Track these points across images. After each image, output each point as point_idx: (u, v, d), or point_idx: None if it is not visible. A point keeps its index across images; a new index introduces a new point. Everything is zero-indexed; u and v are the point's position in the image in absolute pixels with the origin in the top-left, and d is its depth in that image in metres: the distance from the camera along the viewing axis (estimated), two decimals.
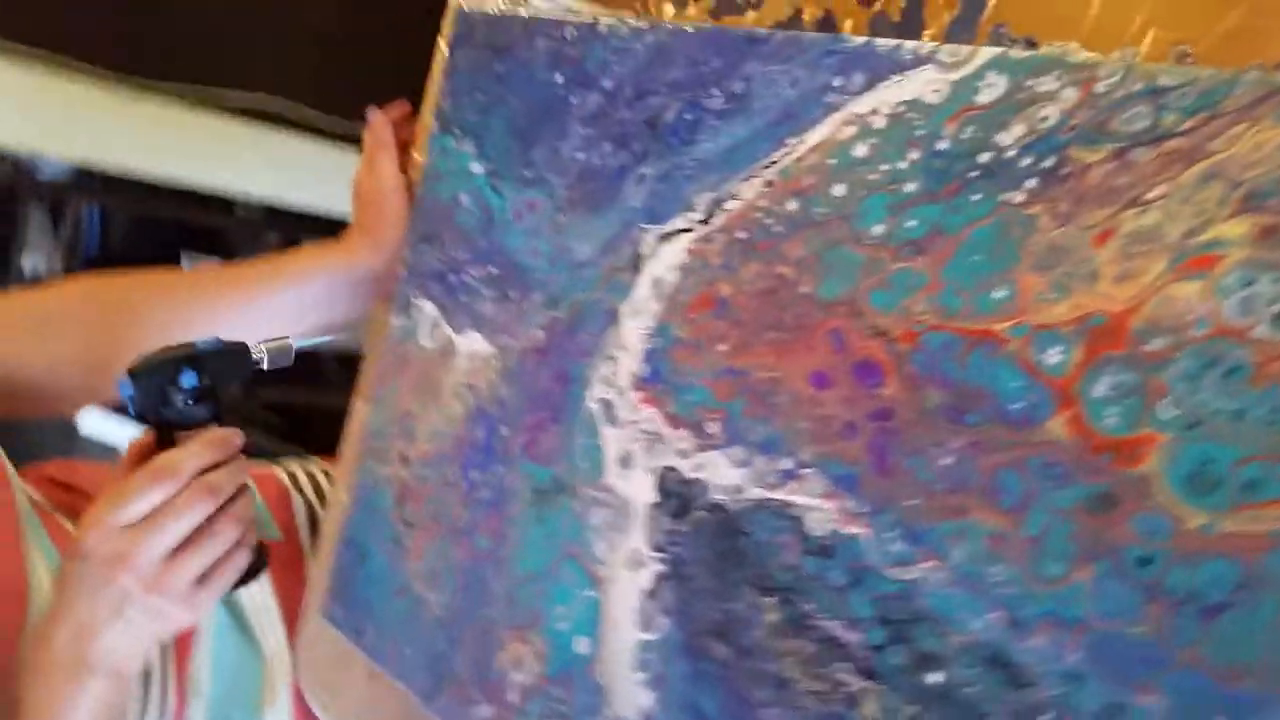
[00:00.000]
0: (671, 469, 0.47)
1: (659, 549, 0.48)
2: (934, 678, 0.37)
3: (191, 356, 0.50)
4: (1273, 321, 0.31)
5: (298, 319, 0.64)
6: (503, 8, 0.63)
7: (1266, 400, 0.31)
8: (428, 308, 0.64)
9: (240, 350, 0.52)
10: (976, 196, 0.38)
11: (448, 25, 0.69)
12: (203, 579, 0.50)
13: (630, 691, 0.48)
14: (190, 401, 0.50)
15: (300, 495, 0.78)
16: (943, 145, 0.39)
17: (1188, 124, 0.33)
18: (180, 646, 0.64)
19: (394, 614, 0.62)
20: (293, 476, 0.80)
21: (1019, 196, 0.37)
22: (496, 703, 0.54)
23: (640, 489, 0.49)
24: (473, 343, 0.60)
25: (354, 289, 0.66)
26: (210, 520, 0.50)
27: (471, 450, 0.59)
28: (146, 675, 0.60)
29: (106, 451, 1.33)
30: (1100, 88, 0.35)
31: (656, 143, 0.51)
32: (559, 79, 0.57)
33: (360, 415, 0.71)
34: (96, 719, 0.49)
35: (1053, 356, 0.35)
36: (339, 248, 0.66)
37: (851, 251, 0.42)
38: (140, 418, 0.51)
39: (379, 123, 0.67)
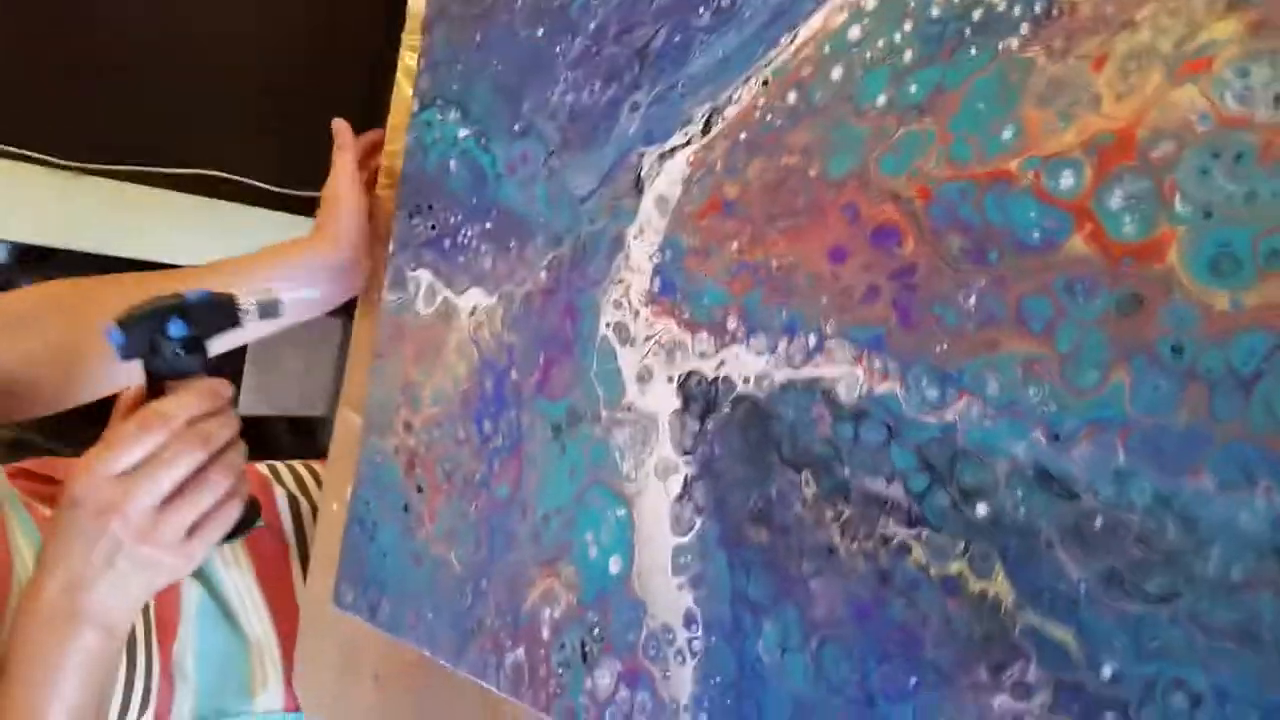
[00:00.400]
0: (693, 373, 0.48)
1: (687, 452, 0.48)
2: (981, 509, 0.38)
3: (180, 306, 0.50)
4: (1272, 104, 0.33)
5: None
6: None
7: (1277, 176, 0.33)
8: (423, 275, 0.64)
9: (227, 301, 0.52)
10: (973, 50, 0.40)
11: (411, 26, 0.71)
12: (194, 529, 0.50)
13: (669, 597, 0.48)
14: (179, 351, 0.50)
15: (281, 486, 0.78)
16: (935, 12, 0.42)
17: None
18: (163, 632, 0.62)
19: (412, 582, 0.61)
20: (273, 469, 0.80)
21: (1015, 42, 0.39)
22: (528, 641, 0.53)
23: (663, 400, 0.49)
24: (474, 299, 0.61)
25: (313, 279, 0.66)
26: (202, 470, 0.50)
27: (481, 402, 0.59)
28: (131, 660, 0.59)
29: None
30: None
31: (648, 70, 0.53)
32: (541, 31, 0.59)
33: (348, 424, 0.71)
34: (89, 673, 0.48)
35: (1066, 180, 0.37)
36: (299, 241, 0.67)
37: (856, 126, 0.44)
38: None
39: (341, 126, 0.70)
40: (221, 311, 0.52)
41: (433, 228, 0.64)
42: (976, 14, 0.40)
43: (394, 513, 0.63)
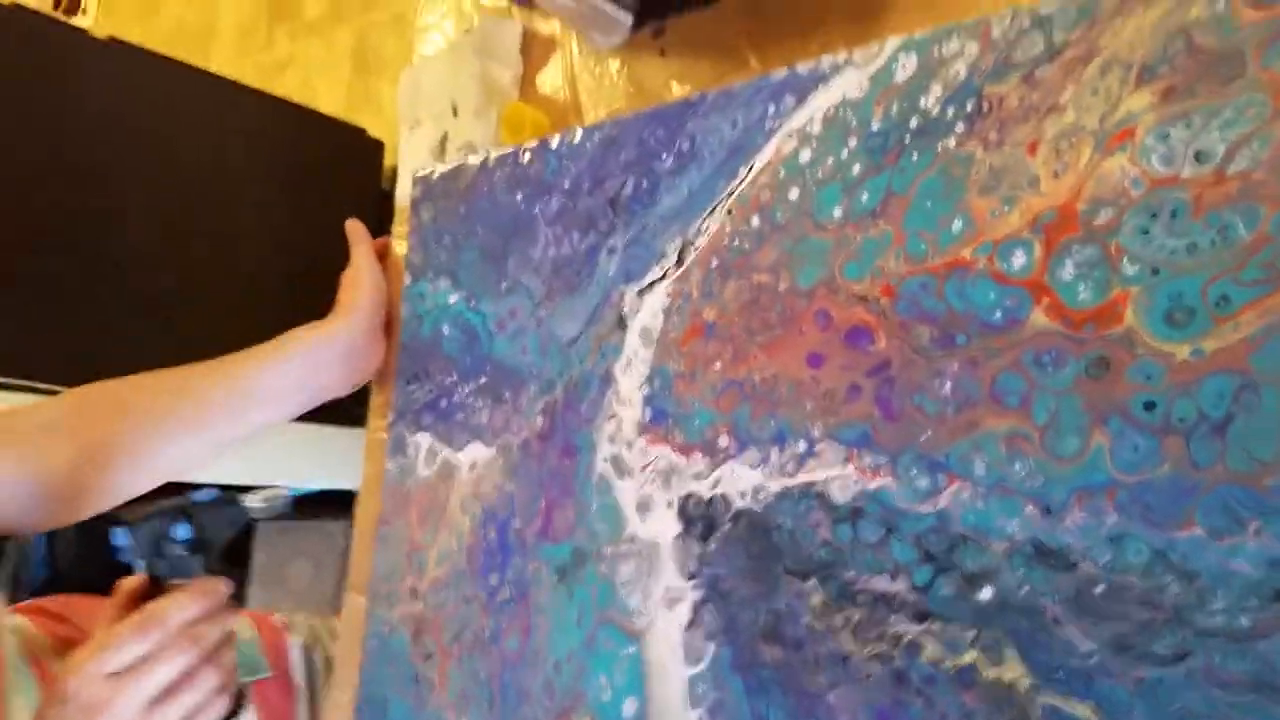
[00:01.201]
0: (691, 494, 0.49)
1: (692, 575, 0.48)
2: (986, 593, 0.38)
3: (185, 508, 0.52)
4: (1194, 160, 0.35)
5: (286, 398, 0.67)
6: (459, 153, 0.70)
7: (1211, 225, 0.35)
8: (423, 439, 0.66)
9: (234, 502, 0.54)
10: (915, 155, 0.43)
11: (400, 219, 0.77)
12: None
13: None
14: (183, 553, 0.52)
15: (296, 635, 0.78)
16: (875, 126, 0.45)
17: (1075, 34, 0.39)
18: None
19: None
20: (289, 619, 0.80)
21: (952, 141, 0.42)
22: None
23: (664, 526, 0.50)
24: (473, 454, 0.62)
25: (333, 361, 0.69)
26: (193, 671, 0.51)
27: (486, 555, 0.60)
28: None
29: None
30: (996, 33, 0.41)
31: (620, 216, 0.56)
32: (519, 196, 0.63)
33: (355, 609, 0.71)
34: None
35: (1018, 260, 0.39)
36: (317, 324, 0.70)
37: (817, 239, 0.46)
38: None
39: (354, 224, 0.75)
40: (227, 513, 0.54)
41: (430, 391, 0.66)
42: (913, 121, 0.44)
43: (404, 685, 0.63)
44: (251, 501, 0.53)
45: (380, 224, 0.80)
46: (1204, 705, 0.32)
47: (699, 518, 0.48)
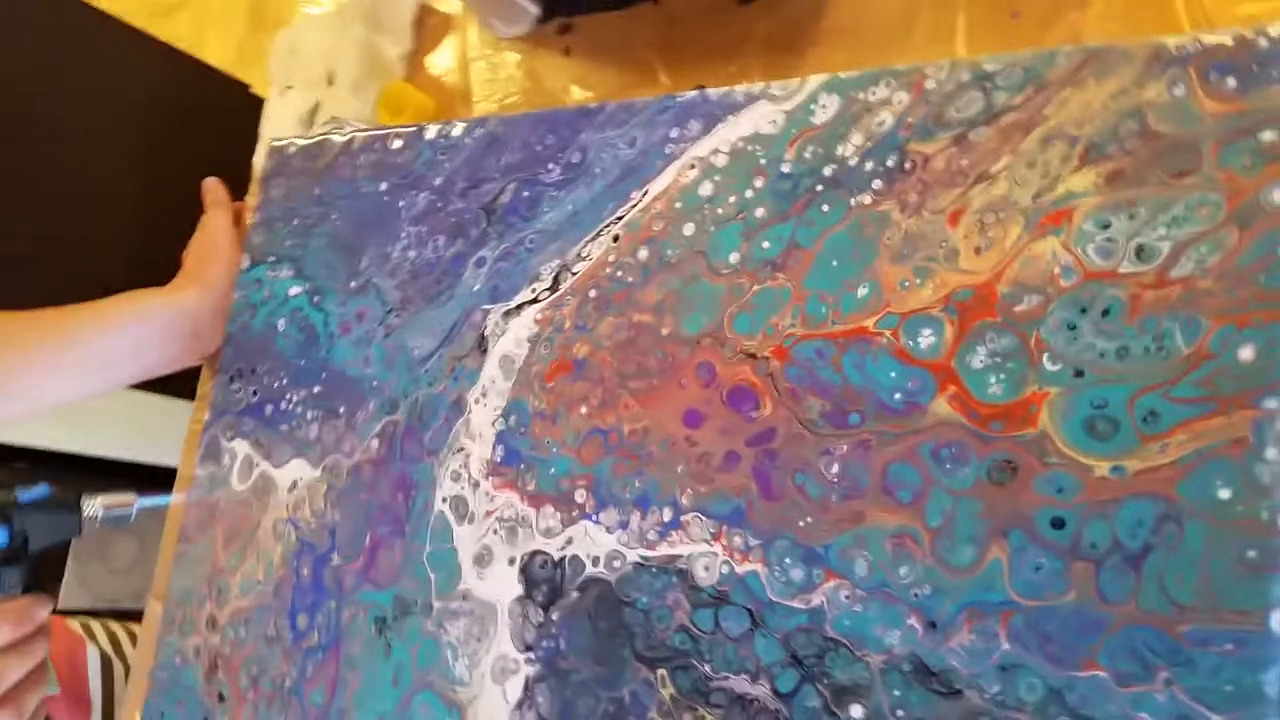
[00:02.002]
0: (537, 553, 0.43)
1: (529, 647, 0.42)
2: (856, 712, 0.34)
3: (6, 507, 0.43)
4: (1135, 255, 0.32)
5: (113, 365, 0.58)
6: (327, 125, 0.63)
7: (1146, 330, 0.31)
8: (240, 446, 0.58)
9: (69, 506, 0.45)
10: (826, 206, 0.39)
11: (254, 189, 0.69)
12: None
13: None
14: None
15: (95, 645, 0.69)
16: (786, 168, 0.41)
17: (1019, 98, 0.35)
18: None
19: None
20: (87, 626, 0.71)
21: (867, 198, 0.38)
22: None
23: (503, 586, 0.44)
24: (295, 472, 0.55)
25: (171, 336, 0.61)
26: None
27: (297, 593, 0.52)
28: None
29: None
30: (930, 84, 0.37)
31: (495, 225, 0.50)
32: (384, 186, 0.56)
33: (154, 616, 0.63)
34: None
35: (926, 339, 0.35)
36: (166, 289, 0.62)
37: (710, 283, 0.42)
38: None
39: (214, 183, 0.67)
40: (59, 516, 0.44)
41: (255, 393, 0.59)
42: (828, 169, 0.39)
43: None
44: (91, 508, 0.44)
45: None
46: None
47: (544, 581, 0.43)
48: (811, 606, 0.36)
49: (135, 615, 0.80)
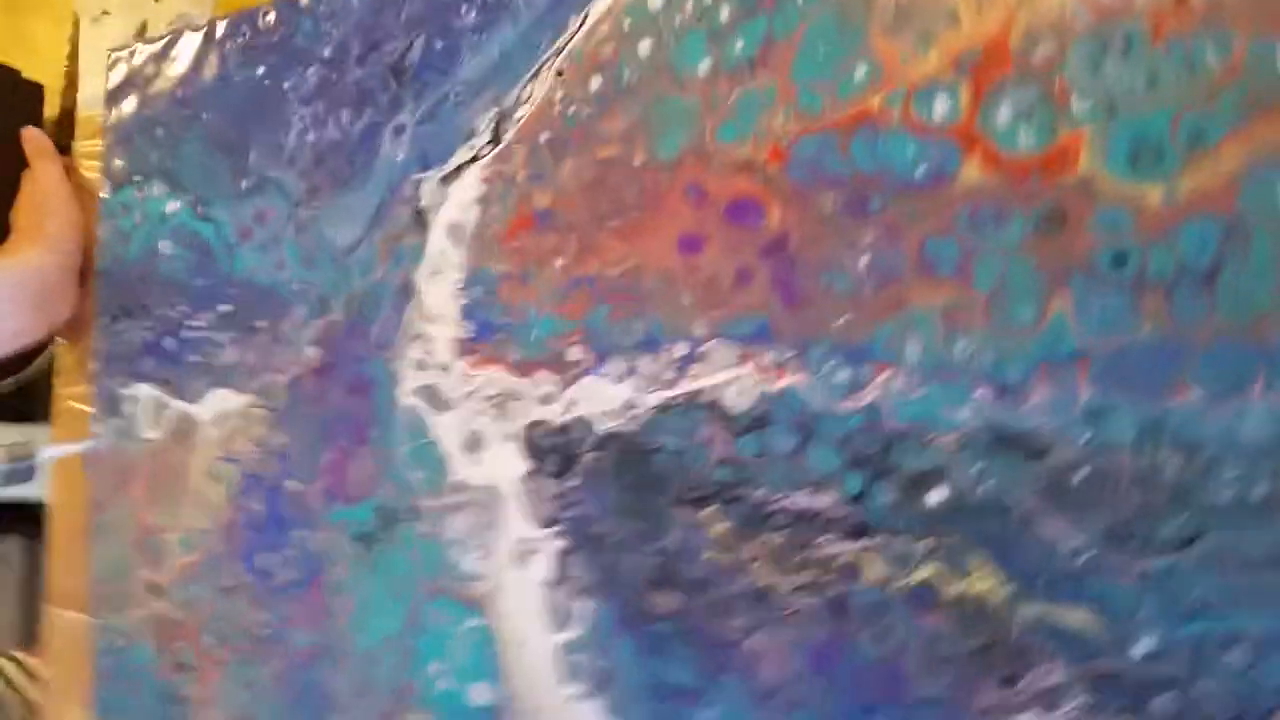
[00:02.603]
0: (538, 423, 0.40)
1: (550, 523, 0.39)
2: (935, 497, 0.33)
3: None
4: None
5: None
6: (168, 27, 0.55)
7: (1174, 54, 0.31)
8: (142, 390, 0.52)
9: None
10: None
11: (84, 132, 0.61)
12: None
13: (569, 716, 0.38)
14: None
15: None
16: None
17: None
18: None
19: None
20: None
21: None
22: None
23: (504, 466, 0.41)
24: (218, 403, 0.49)
25: (19, 301, 0.55)
26: None
27: (251, 532, 0.47)
28: None
29: None
30: None
31: (408, 86, 0.45)
32: (260, 71, 0.50)
33: (66, 625, 0.56)
34: None
35: (941, 106, 0.34)
36: (5, 250, 0.55)
37: (681, 100, 0.39)
38: None
39: (35, 133, 0.60)
40: None
41: (149, 329, 0.52)
42: None
43: (154, 708, 0.49)
44: None
45: None
46: (1223, 592, 0.28)
47: (552, 450, 0.40)
48: (865, 405, 0.34)
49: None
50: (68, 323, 0.59)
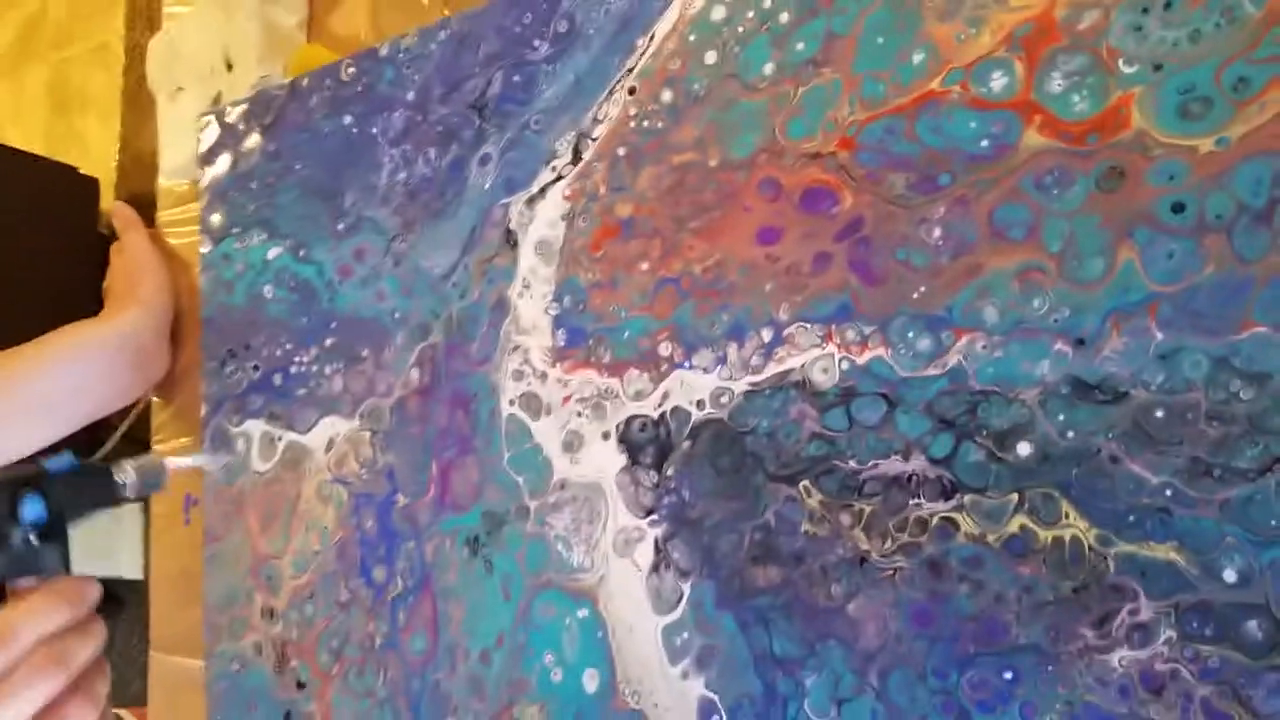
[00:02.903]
0: (634, 418, 0.43)
1: (649, 511, 0.42)
2: (1024, 449, 0.35)
3: (37, 478, 0.40)
4: None
5: (56, 409, 0.56)
6: (250, 91, 0.60)
7: (1213, 9, 0.33)
8: (253, 427, 0.56)
9: (100, 472, 0.42)
10: None
11: (165, 203, 0.67)
12: None
13: (673, 692, 0.40)
14: (33, 539, 0.39)
15: None
16: None
17: None
18: None
19: None
20: None
21: None
22: None
23: (603, 462, 0.44)
24: (328, 431, 0.53)
25: (117, 365, 0.59)
26: (56, 702, 0.39)
27: (364, 547, 0.50)
28: None
29: None
30: None
31: (490, 119, 0.49)
32: (349, 119, 0.55)
33: (164, 670, 0.60)
34: None
35: (998, 81, 0.37)
36: (100, 317, 0.60)
37: (749, 102, 0.42)
38: None
39: (122, 206, 0.67)
40: (91, 484, 0.41)
41: (255, 368, 0.56)
42: None
43: None
44: (122, 474, 0.41)
45: (101, 270, 0.70)
46: None
47: (648, 443, 0.42)
48: (949, 369, 0.36)
49: None
50: (162, 381, 0.64)
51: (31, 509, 0.39)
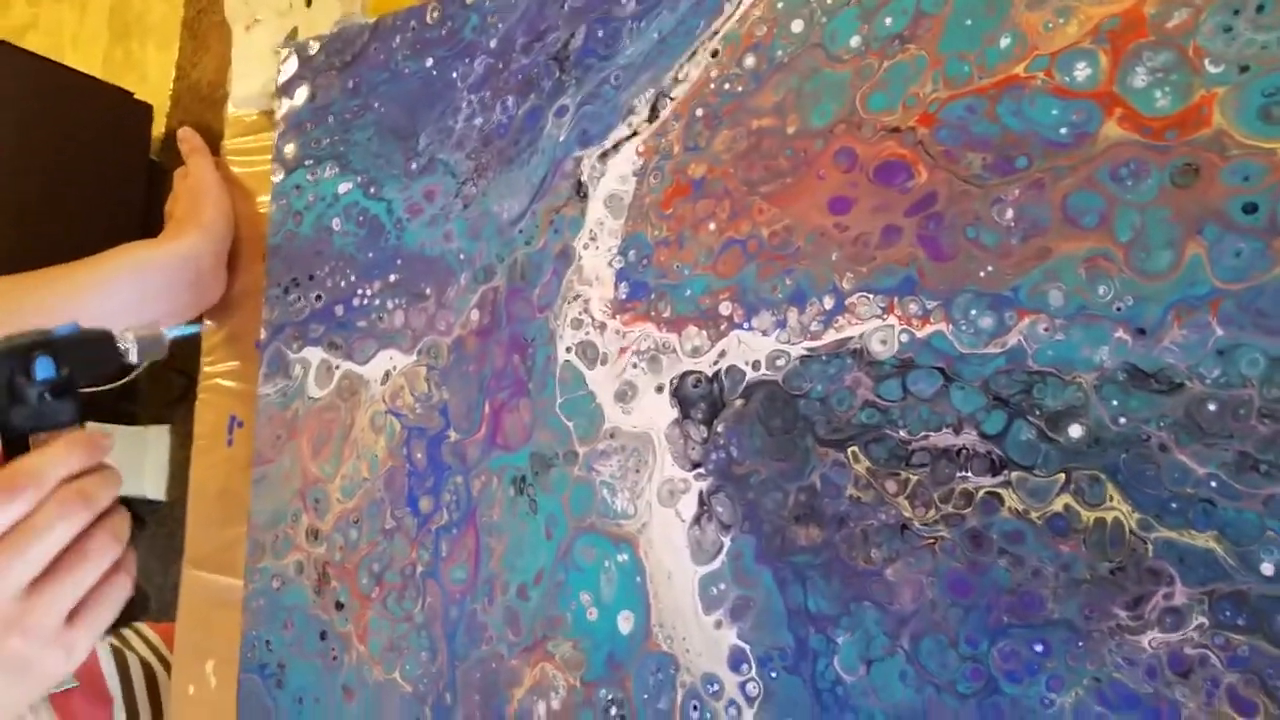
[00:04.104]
0: (688, 374, 0.45)
1: (696, 464, 0.44)
2: (1075, 431, 0.36)
3: (46, 342, 0.43)
4: None
5: (130, 317, 0.59)
6: (333, 27, 0.62)
7: None
8: (312, 354, 0.58)
9: (103, 339, 0.45)
10: None
11: (233, 132, 0.69)
12: (75, 614, 0.41)
13: (705, 640, 0.42)
14: (47, 396, 0.43)
15: (104, 642, 0.68)
16: None
17: None
18: None
19: None
20: None
21: None
22: None
23: (655, 414, 0.45)
24: (385, 363, 0.55)
25: (174, 284, 0.62)
26: (80, 539, 0.42)
27: (413, 478, 0.53)
28: None
29: None
30: None
31: (570, 71, 0.51)
32: (430, 62, 0.57)
33: (196, 586, 0.64)
34: None
35: (1081, 71, 0.38)
36: (161, 238, 0.63)
37: (833, 72, 0.43)
38: None
39: (189, 132, 0.69)
40: (96, 350, 0.45)
41: (318, 298, 0.58)
42: None
43: (308, 644, 0.54)
44: (125, 340, 0.44)
45: (149, 197, 0.73)
46: None
47: (700, 399, 0.44)
48: (1008, 348, 0.38)
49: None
50: (217, 305, 0.66)
51: (43, 368, 0.42)
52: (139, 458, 1.68)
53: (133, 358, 0.46)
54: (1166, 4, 0.36)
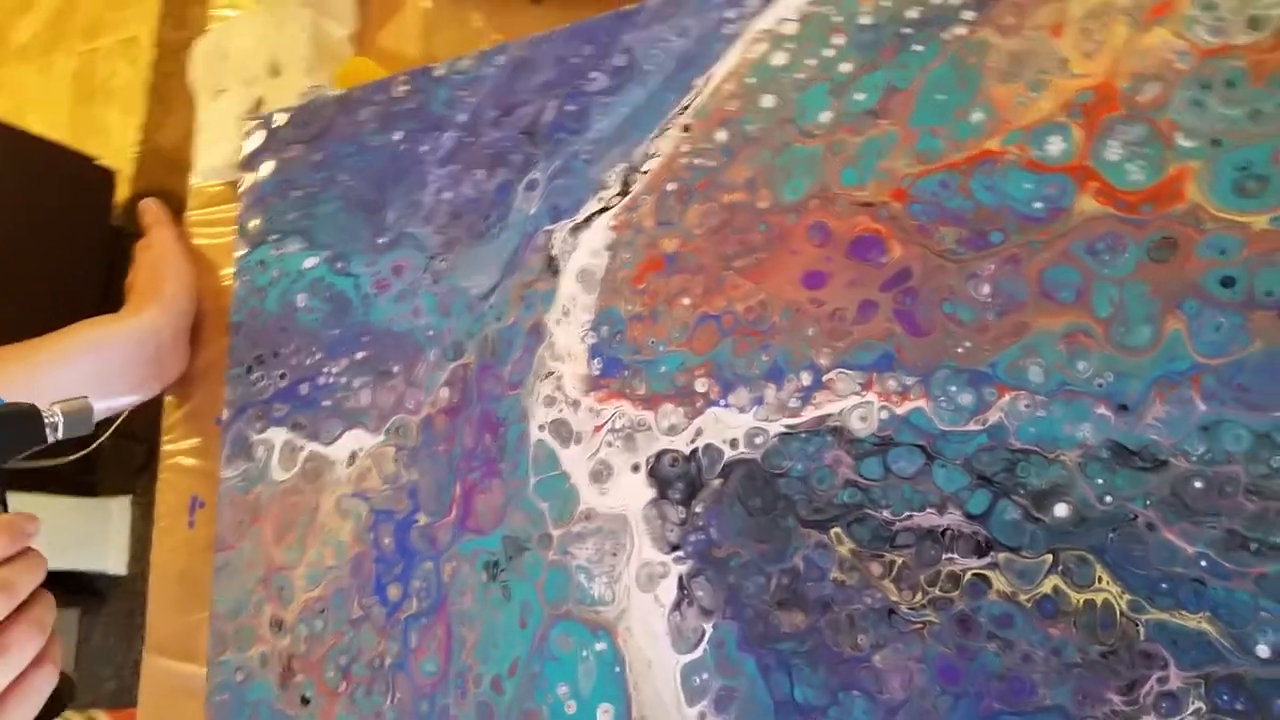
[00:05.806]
0: (664, 452, 0.45)
1: (674, 547, 0.43)
2: (1061, 510, 0.36)
3: None
4: (1249, 27, 0.36)
5: (93, 393, 0.58)
6: (300, 98, 0.63)
7: (1275, 89, 0.35)
8: (275, 435, 0.58)
9: (29, 414, 0.44)
10: (918, 46, 0.42)
11: (197, 203, 0.70)
12: None
13: None
14: None
15: None
16: (866, 20, 0.43)
17: None
18: None
19: None
20: None
21: (961, 29, 0.41)
22: None
23: (631, 495, 0.45)
24: (352, 444, 0.54)
25: (135, 360, 0.62)
26: (2, 627, 0.41)
27: (380, 565, 0.52)
28: None
29: None
30: None
31: (541, 145, 0.51)
32: (398, 136, 0.57)
33: (158, 673, 0.62)
34: None
35: (1054, 145, 0.38)
36: (121, 313, 0.62)
37: (804, 147, 0.44)
38: None
39: (152, 202, 0.69)
40: (20, 425, 0.44)
41: (282, 376, 0.58)
42: (913, 11, 0.42)
43: None
44: (51, 415, 0.43)
45: (110, 263, 0.73)
46: None
47: (677, 478, 0.44)
48: (989, 425, 0.38)
49: None
50: (178, 381, 0.66)
51: None
52: (102, 531, 1.65)
53: (59, 433, 0.45)
54: (1138, 78, 0.37)
